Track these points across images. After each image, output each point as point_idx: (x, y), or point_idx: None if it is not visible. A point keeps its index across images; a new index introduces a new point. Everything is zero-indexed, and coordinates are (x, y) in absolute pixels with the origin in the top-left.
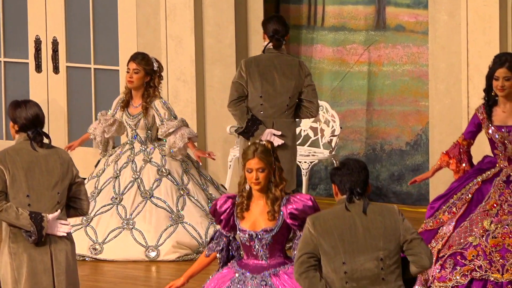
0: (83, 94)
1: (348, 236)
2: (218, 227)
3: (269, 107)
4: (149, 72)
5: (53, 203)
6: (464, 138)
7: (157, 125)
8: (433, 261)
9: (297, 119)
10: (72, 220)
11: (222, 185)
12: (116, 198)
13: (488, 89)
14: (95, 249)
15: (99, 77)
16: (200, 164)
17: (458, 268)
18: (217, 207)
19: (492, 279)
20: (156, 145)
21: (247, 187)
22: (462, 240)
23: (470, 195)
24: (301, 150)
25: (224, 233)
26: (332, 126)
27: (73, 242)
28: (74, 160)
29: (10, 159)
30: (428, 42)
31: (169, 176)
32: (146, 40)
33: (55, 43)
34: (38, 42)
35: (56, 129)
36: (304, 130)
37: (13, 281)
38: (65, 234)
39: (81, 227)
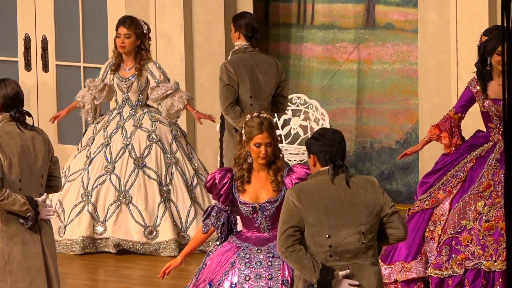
0: (72, 92)
1: (333, 209)
2: (213, 202)
3: (257, 106)
4: (139, 35)
5: (38, 186)
6: (455, 111)
7: (151, 87)
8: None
9: None
10: (73, 198)
11: None
12: (109, 167)
13: (483, 63)
14: (98, 229)
15: (89, 75)
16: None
17: (454, 256)
18: (217, 181)
19: (485, 268)
20: (145, 110)
21: (249, 160)
22: (456, 223)
23: (464, 173)
24: (291, 149)
25: (223, 207)
26: (322, 125)
27: (51, 226)
28: (61, 158)
29: (5, 143)
30: (418, 40)
31: (159, 143)
32: None
33: (44, 42)
34: (27, 41)
35: (46, 127)
36: (294, 129)
37: (2, 264)
38: (51, 218)
39: (83, 205)
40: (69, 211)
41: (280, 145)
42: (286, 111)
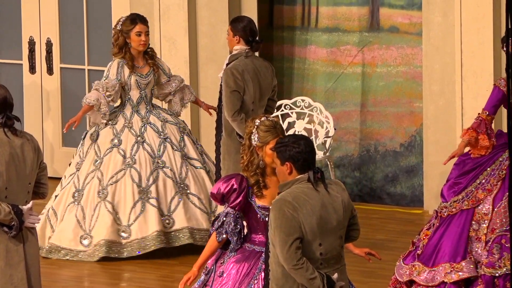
0: (77, 95)
1: (323, 216)
2: (227, 209)
3: (256, 111)
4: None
5: (25, 194)
6: (488, 113)
7: (162, 82)
8: (468, 244)
9: None
10: (91, 198)
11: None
12: (159, 162)
13: None
14: (124, 233)
15: (93, 78)
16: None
17: (505, 254)
18: (236, 187)
19: None
20: (153, 109)
21: (262, 165)
22: (503, 221)
23: (503, 171)
24: None
25: (238, 214)
26: (326, 128)
27: (36, 233)
28: (59, 162)
29: None
30: (422, 43)
31: (168, 139)
32: None
33: (49, 44)
34: (32, 43)
35: (50, 131)
36: (298, 132)
37: None
38: (35, 226)
39: (99, 202)
40: (128, 210)
41: None
42: (290, 114)
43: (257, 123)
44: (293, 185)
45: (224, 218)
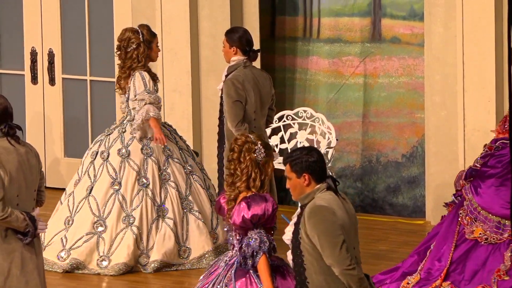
0: (79, 106)
1: (350, 222)
2: (260, 231)
3: (259, 120)
4: None
5: (32, 201)
6: None
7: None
8: None
9: None
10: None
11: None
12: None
13: None
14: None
15: (95, 88)
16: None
17: None
18: (271, 211)
19: None
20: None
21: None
22: None
23: None
24: None
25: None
26: (328, 138)
27: (40, 241)
28: (61, 173)
29: (5, 159)
30: (424, 54)
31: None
32: None
33: (51, 55)
34: (34, 54)
35: (52, 141)
36: (300, 142)
37: (2, 280)
38: (44, 232)
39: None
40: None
41: None
42: (292, 125)
43: (253, 139)
44: (315, 195)
45: (266, 239)
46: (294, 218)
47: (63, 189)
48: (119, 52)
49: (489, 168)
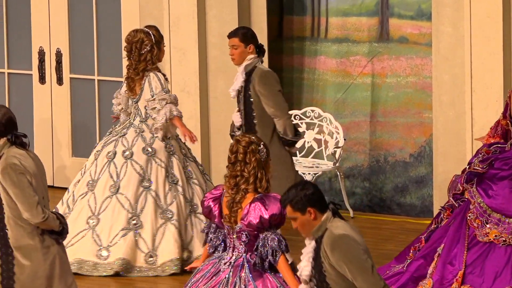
0: (87, 105)
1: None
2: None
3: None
4: None
5: (48, 203)
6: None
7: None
8: None
9: None
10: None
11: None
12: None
13: None
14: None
15: (103, 88)
16: None
17: None
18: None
19: None
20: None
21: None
22: None
23: None
24: (305, 162)
25: None
26: (336, 138)
27: None
28: (69, 172)
29: (26, 164)
30: (432, 53)
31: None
32: None
33: (58, 55)
34: (42, 54)
35: (60, 141)
36: (308, 142)
37: (48, 277)
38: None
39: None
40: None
41: (294, 159)
42: (300, 125)
43: (256, 139)
44: (327, 225)
45: (282, 238)
46: (309, 254)
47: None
48: (130, 54)
49: (498, 170)
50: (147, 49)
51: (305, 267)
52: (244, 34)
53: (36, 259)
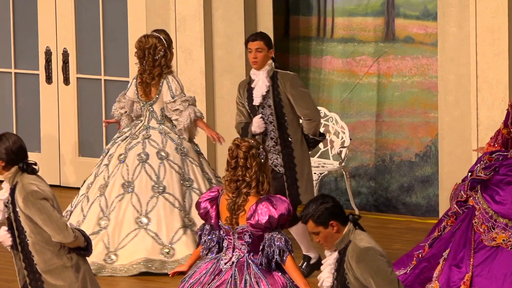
0: (93, 105)
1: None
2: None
3: None
4: None
5: None
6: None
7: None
8: None
9: None
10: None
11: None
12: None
13: None
14: (109, 258)
15: (109, 88)
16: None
17: None
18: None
19: None
20: None
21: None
22: None
23: None
24: (311, 162)
25: None
26: (342, 138)
27: None
28: (75, 172)
29: (45, 189)
30: (437, 53)
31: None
32: None
33: (65, 55)
34: (48, 54)
35: (66, 140)
36: None
37: None
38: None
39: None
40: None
41: None
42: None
43: (255, 143)
44: (349, 237)
45: (289, 239)
46: (331, 265)
47: (76, 188)
48: (143, 60)
49: (504, 175)
50: (161, 54)
51: (326, 278)
52: (268, 38)
53: (69, 278)
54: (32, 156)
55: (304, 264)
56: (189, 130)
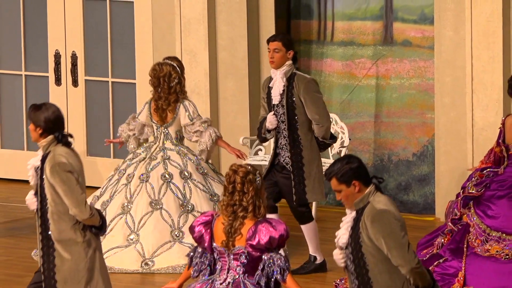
0: (101, 106)
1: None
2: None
3: None
4: None
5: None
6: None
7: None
8: None
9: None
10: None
11: None
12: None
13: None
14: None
15: (117, 90)
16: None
17: None
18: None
19: None
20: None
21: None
22: None
23: None
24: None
25: None
26: (342, 138)
27: None
28: (90, 170)
29: (73, 163)
30: (434, 56)
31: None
32: (162, 54)
33: (74, 57)
34: (57, 56)
35: (75, 141)
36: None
37: (89, 269)
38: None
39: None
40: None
41: None
42: None
43: (251, 169)
44: (369, 198)
45: (288, 258)
46: (349, 223)
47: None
48: (158, 87)
49: (494, 191)
50: (175, 82)
51: (343, 235)
52: (287, 40)
53: (77, 253)
54: None
55: (309, 262)
56: (210, 150)
